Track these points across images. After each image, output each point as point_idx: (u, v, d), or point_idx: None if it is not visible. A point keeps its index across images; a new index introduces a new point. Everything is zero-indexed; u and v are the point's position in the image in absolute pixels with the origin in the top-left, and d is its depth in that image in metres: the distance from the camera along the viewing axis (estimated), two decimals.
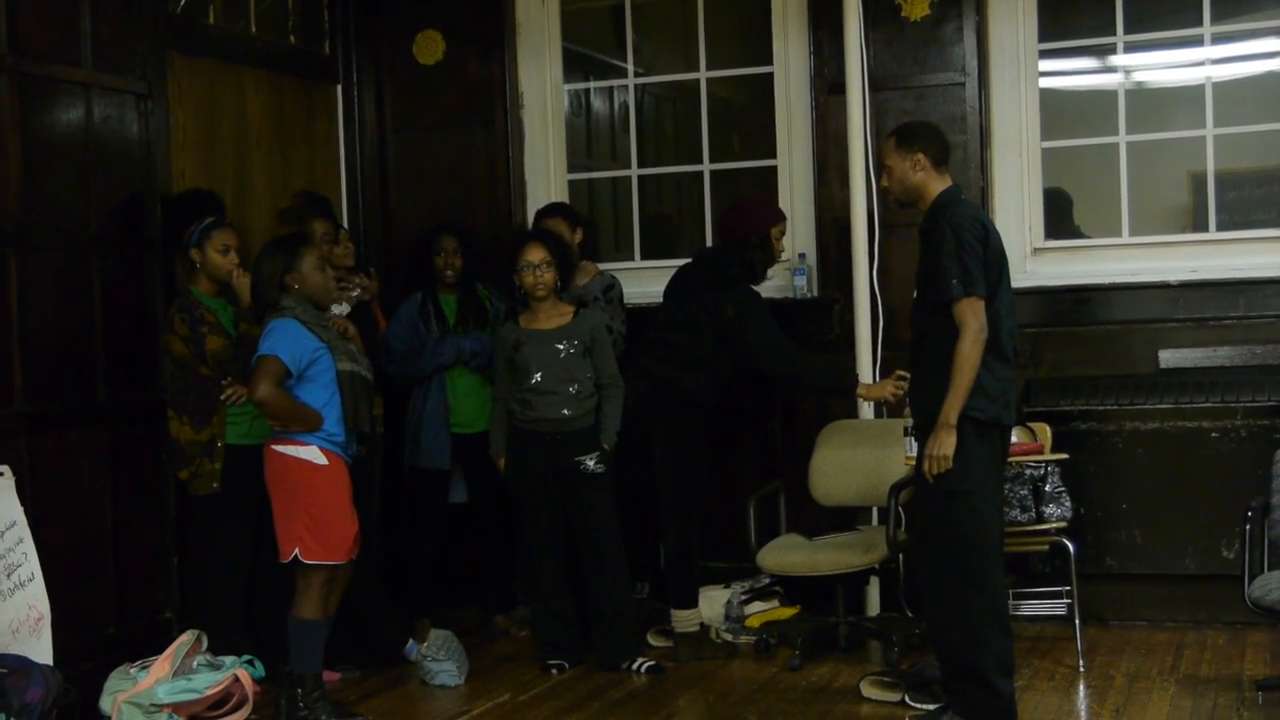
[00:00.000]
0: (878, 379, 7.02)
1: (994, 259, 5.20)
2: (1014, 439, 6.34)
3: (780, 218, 6.67)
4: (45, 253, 5.90)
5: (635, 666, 6.37)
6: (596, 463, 6.35)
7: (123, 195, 6.28)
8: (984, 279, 5.12)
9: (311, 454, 5.57)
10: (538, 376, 6.31)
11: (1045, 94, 7.21)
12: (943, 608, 5.27)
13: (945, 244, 5.15)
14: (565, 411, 6.32)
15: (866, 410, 7.01)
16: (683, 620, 6.60)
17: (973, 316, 5.09)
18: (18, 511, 5.46)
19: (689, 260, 6.82)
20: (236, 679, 5.58)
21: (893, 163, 5.33)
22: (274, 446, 5.63)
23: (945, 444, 5.10)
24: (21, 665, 5.20)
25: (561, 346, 6.32)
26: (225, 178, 6.93)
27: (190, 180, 6.65)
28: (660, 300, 6.82)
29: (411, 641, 6.46)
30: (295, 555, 5.58)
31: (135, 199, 6.32)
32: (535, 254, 6.35)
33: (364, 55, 7.90)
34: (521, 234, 6.94)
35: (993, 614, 5.21)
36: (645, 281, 7.33)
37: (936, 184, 5.29)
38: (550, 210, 7.11)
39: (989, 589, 5.22)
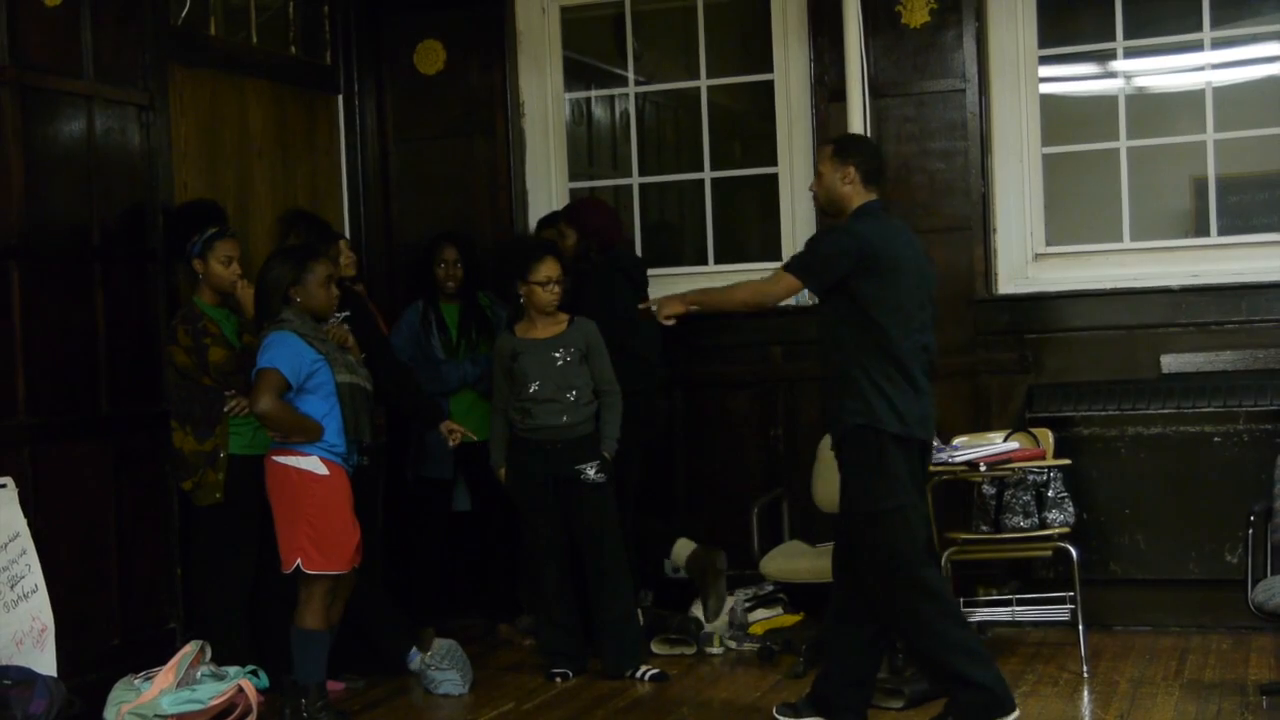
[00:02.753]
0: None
1: (885, 274, 5.22)
2: (1015, 444, 6.39)
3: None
4: (48, 264, 5.91)
5: (639, 674, 6.37)
6: (597, 472, 6.35)
7: (125, 206, 6.29)
8: (821, 273, 5.26)
9: (312, 464, 5.58)
10: (536, 385, 6.32)
11: (1046, 100, 7.21)
12: (902, 621, 5.32)
13: (820, 234, 5.56)
14: (564, 419, 6.32)
15: None
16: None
17: (774, 283, 5.39)
18: (21, 523, 5.48)
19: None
20: (240, 689, 5.58)
21: (825, 170, 5.44)
22: (275, 457, 5.63)
23: (670, 304, 5.45)
24: (26, 677, 5.21)
25: (558, 355, 6.33)
26: (227, 188, 6.94)
27: (192, 191, 6.66)
28: None
29: (414, 651, 6.47)
30: (297, 565, 5.59)
31: (138, 210, 6.33)
32: (553, 269, 6.34)
33: (365, 65, 7.91)
34: (529, 244, 6.87)
35: (947, 613, 5.27)
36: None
37: (860, 198, 5.38)
38: (564, 216, 7.10)
39: (935, 591, 5.27)
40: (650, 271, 7.11)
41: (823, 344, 5.41)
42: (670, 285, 6.82)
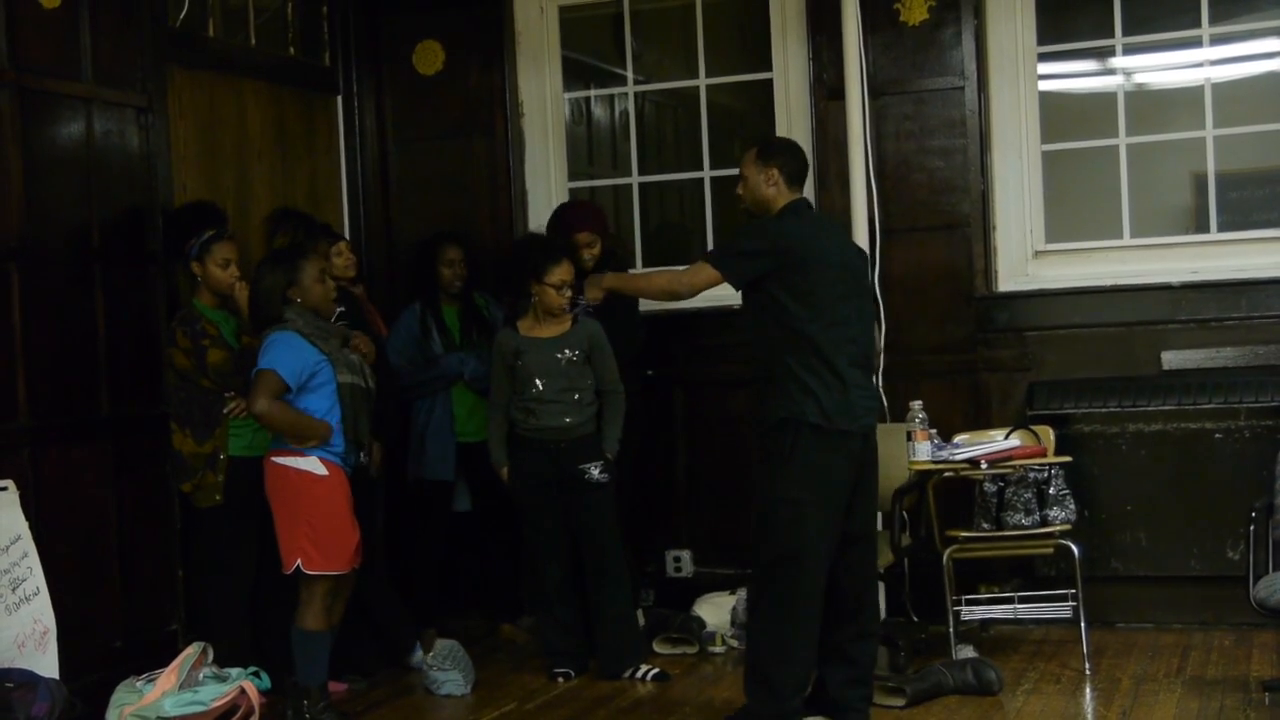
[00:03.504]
0: (880, 383, 7.02)
1: (804, 274, 5.25)
2: (1016, 442, 6.38)
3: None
4: (47, 267, 5.91)
5: (640, 674, 6.37)
6: (600, 471, 6.35)
7: (124, 208, 6.29)
8: (739, 268, 5.34)
9: (311, 464, 5.58)
10: (539, 385, 6.31)
11: (1045, 97, 7.21)
12: (756, 613, 5.40)
13: (743, 229, 5.58)
14: (568, 420, 6.32)
15: None
16: None
17: (693, 273, 5.46)
18: (22, 525, 5.47)
19: None
20: (243, 691, 5.57)
21: (749, 173, 5.49)
22: (274, 458, 5.63)
23: (591, 288, 5.87)
24: (28, 679, 5.20)
25: (563, 355, 6.32)
26: (227, 190, 6.94)
27: (192, 193, 6.65)
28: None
29: (418, 650, 6.47)
30: (298, 566, 5.59)
31: (137, 212, 6.33)
32: (568, 273, 6.31)
33: (364, 66, 7.91)
34: (548, 245, 6.78)
35: (802, 629, 5.27)
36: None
37: (784, 199, 5.44)
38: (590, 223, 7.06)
39: (801, 603, 5.27)
40: (651, 271, 7.10)
41: (748, 342, 5.45)
42: None
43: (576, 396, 6.34)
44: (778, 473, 5.28)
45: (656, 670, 6.39)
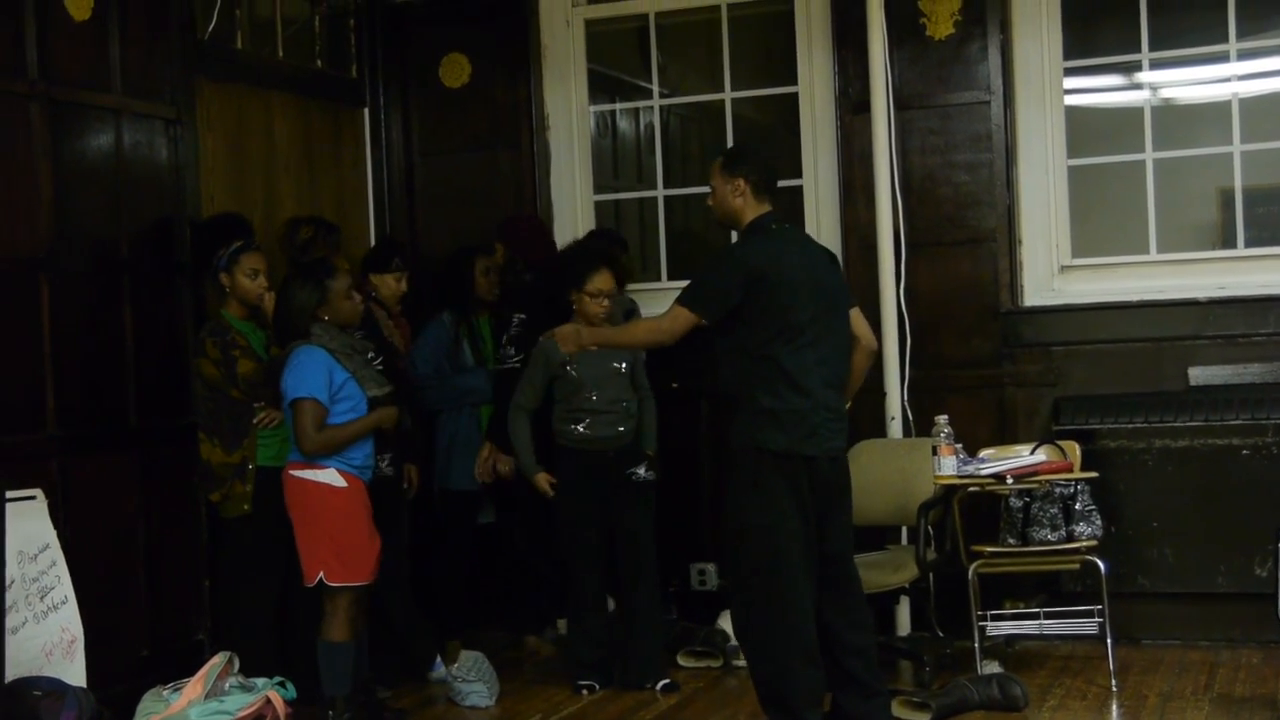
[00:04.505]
0: (905, 399, 7.04)
1: (771, 297, 5.22)
2: (1043, 457, 6.36)
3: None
4: (76, 277, 5.94)
5: (657, 686, 6.37)
6: (647, 470, 6.41)
7: (152, 219, 6.33)
8: (713, 306, 5.26)
9: (330, 477, 5.59)
10: (594, 396, 6.32)
11: (1071, 111, 7.20)
12: (749, 640, 5.40)
13: (709, 263, 5.54)
14: (621, 429, 6.36)
15: (895, 429, 7.02)
16: None
17: (671, 320, 5.32)
18: (51, 534, 5.50)
19: None
20: (268, 701, 5.58)
21: (716, 184, 5.46)
22: (292, 471, 5.64)
23: (566, 342, 5.56)
24: (56, 688, 5.22)
25: (617, 365, 6.35)
26: (254, 201, 6.97)
27: (219, 204, 6.69)
28: None
29: (439, 662, 6.47)
30: (320, 578, 5.60)
31: (165, 223, 6.36)
32: (606, 282, 6.32)
33: (391, 79, 7.94)
34: (587, 253, 6.77)
35: (796, 646, 5.26)
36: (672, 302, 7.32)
37: (753, 211, 5.41)
38: (614, 240, 7.07)
39: (790, 621, 5.26)
40: (675, 284, 7.09)
41: (715, 364, 5.43)
42: None
43: (625, 405, 6.38)
44: (744, 500, 5.30)
45: (666, 680, 6.40)
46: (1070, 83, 7.20)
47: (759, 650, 5.36)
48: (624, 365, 6.37)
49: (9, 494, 5.07)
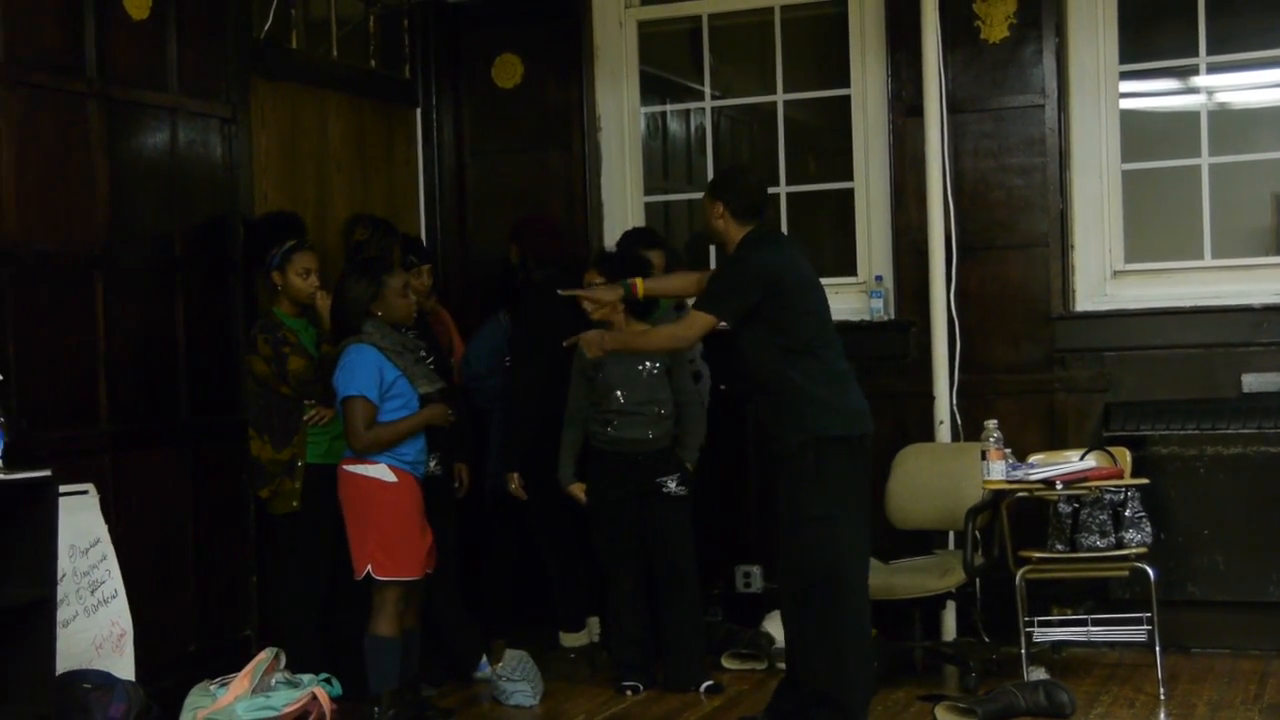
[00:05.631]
0: (954, 403, 7.01)
1: (793, 296, 5.42)
2: (1092, 463, 6.32)
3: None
4: (131, 274, 6.01)
5: (701, 688, 6.36)
6: (678, 484, 6.37)
7: (206, 217, 6.38)
8: (731, 306, 5.47)
9: (380, 472, 5.62)
10: (621, 397, 6.33)
11: (1126, 115, 7.15)
12: (803, 635, 5.41)
13: (722, 268, 5.71)
14: (649, 434, 6.35)
15: (943, 433, 6.99)
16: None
17: (689, 324, 5.63)
18: (102, 529, 5.56)
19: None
20: (314, 697, 5.63)
21: (705, 206, 5.65)
22: (345, 466, 5.69)
23: (591, 345, 5.65)
24: (105, 681, 5.28)
25: (644, 367, 6.34)
26: (306, 200, 7.02)
27: (272, 203, 6.73)
28: None
29: (485, 661, 6.49)
30: (368, 572, 5.63)
31: (219, 221, 6.42)
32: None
33: (443, 79, 7.98)
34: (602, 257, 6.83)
35: (853, 643, 5.30)
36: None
37: (736, 232, 5.59)
38: (646, 242, 7.08)
39: (850, 617, 5.30)
40: (651, 329, 7.06)
41: (748, 371, 5.55)
42: None
43: (657, 409, 6.36)
44: (806, 493, 5.35)
45: (710, 682, 6.39)
46: (1126, 86, 7.15)
47: (815, 648, 5.35)
48: (655, 367, 6.34)
49: (62, 488, 5.12)
